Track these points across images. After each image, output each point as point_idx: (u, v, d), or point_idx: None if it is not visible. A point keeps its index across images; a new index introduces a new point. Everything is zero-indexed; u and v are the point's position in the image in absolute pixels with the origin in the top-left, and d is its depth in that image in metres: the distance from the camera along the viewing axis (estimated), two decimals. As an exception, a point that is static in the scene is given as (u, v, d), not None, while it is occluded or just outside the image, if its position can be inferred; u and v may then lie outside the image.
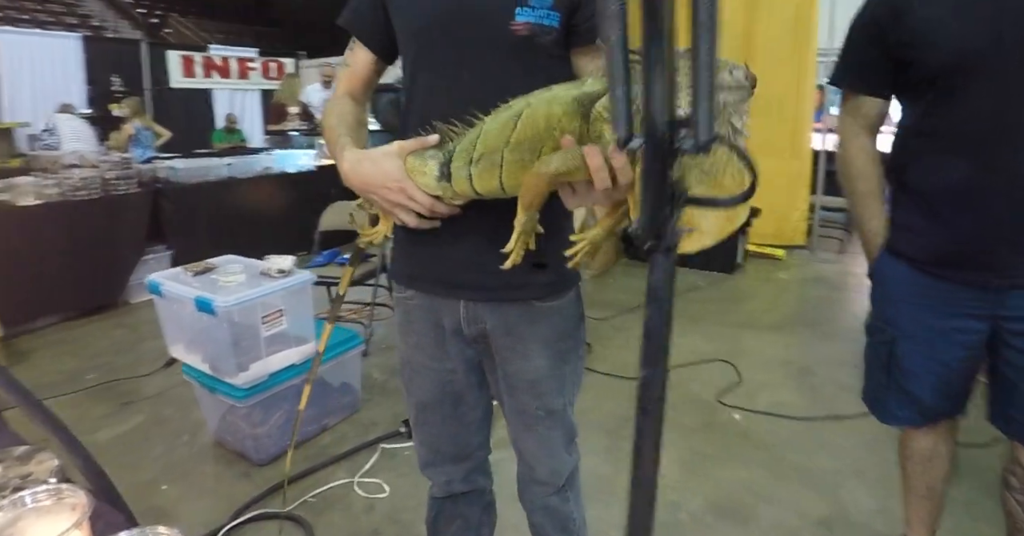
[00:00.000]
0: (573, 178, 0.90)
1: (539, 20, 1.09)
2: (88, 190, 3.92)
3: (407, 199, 1.06)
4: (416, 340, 1.33)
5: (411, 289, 1.30)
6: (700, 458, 2.49)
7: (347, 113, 1.24)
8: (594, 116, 0.90)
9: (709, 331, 3.78)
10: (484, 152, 1.00)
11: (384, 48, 1.26)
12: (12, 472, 1.02)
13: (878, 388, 1.59)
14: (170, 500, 2.39)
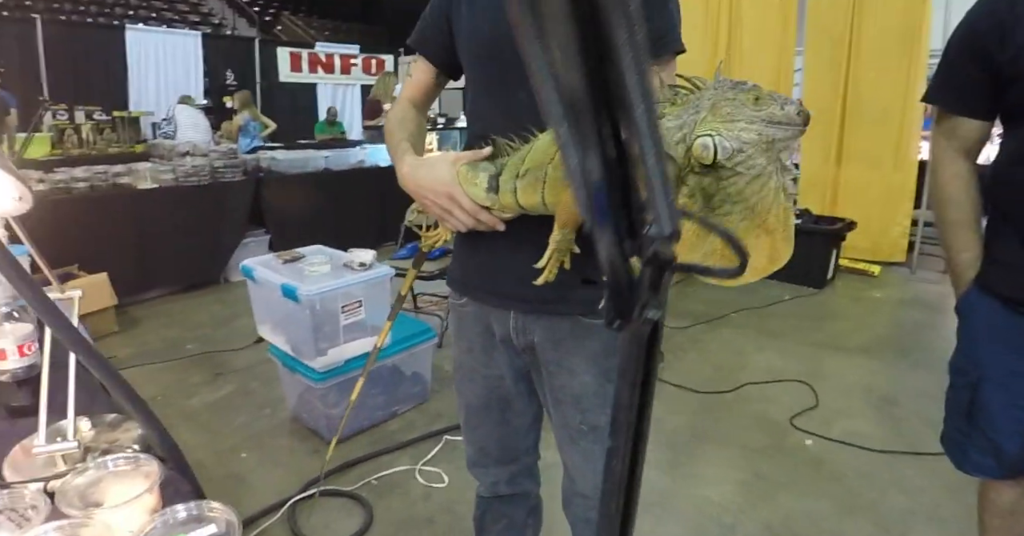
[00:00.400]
0: None
1: None
2: (198, 177, 4.22)
3: (454, 205, 1.08)
4: (468, 345, 1.37)
5: (465, 296, 1.33)
6: (763, 482, 2.40)
7: (407, 119, 1.28)
8: None
9: (788, 349, 3.62)
10: (530, 167, 1.01)
11: (447, 65, 1.30)
12: (102, 437, 1.13)
13: (957, 433, 1.48)
14: (247, 467, 2.55)
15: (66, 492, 0.92)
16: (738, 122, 0.77)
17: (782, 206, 0.80)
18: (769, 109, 0.75)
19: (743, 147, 0.76)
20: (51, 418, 1.08)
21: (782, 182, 0.79)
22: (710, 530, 2.13)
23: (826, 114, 5.13)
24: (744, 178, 0.78)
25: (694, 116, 0.81)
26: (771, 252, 0.82)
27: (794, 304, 4.43)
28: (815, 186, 5.31)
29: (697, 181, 0.81)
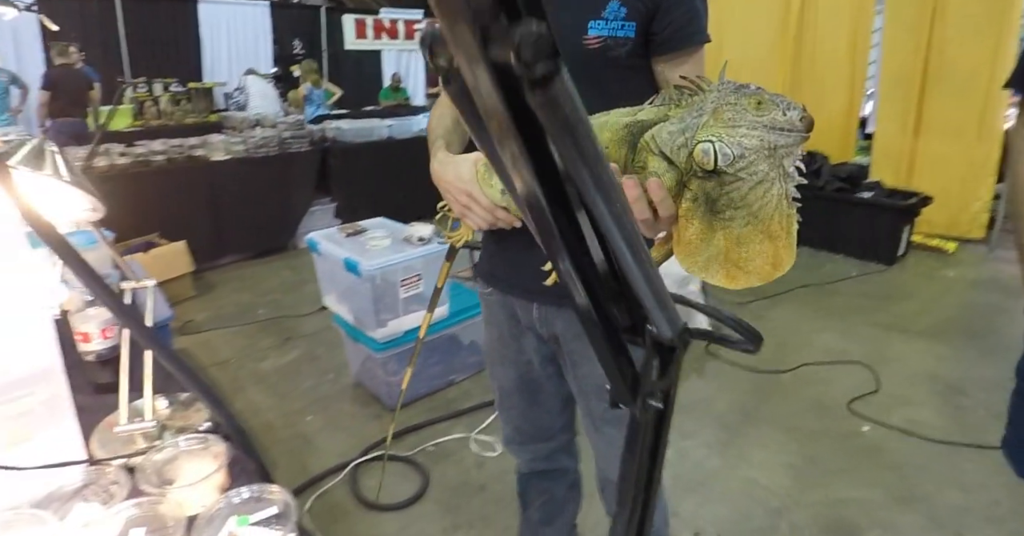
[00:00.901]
0: None
1: (613, 33, 1.10)
2: (267, 148, 4.37)
3: (473, 203, 1.11)
4: (497, 333, 1.43)
5: (491, 286, 1.38)
6: (815, 467, 2.37)
7: (445, 115, 1.31)
8: (640, 146, 0.89)
9: (851, 329, 3.51)
10: None
11: None
12: (177, 414, 1.24)
13: (1020, 441, 1.45)
14: (312, 429, 2.71)
15: (145, 470, 1.02)
16: (739, 127, 0.76)
17: (785, 213, 0.79)
18: (771, 115, 0.74)
19: (744, 153, 0.76)
20: (131, 395, 1.18)
21: (785, 189, 0.78)
22: (756, 513, 2.14)
23: (905, 80, 4.83)
24: (747, 184, 0.78)
25: (697, 120, 0.81)
26: (774, 258, 0.81)
27: (860, 281, 4.26)
28: (889, 157, 5.04)
29: (700, 185, 0.82)
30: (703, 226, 0.82)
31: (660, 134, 0.85)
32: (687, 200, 0.82)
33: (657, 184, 0.81)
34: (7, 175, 0.67)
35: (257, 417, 2.80)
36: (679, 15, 1.11)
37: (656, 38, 1.13)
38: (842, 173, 4.78)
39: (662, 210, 0.82)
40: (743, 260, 0.81)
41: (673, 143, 0.82)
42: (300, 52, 7.73)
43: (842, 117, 5.39)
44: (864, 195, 4.65)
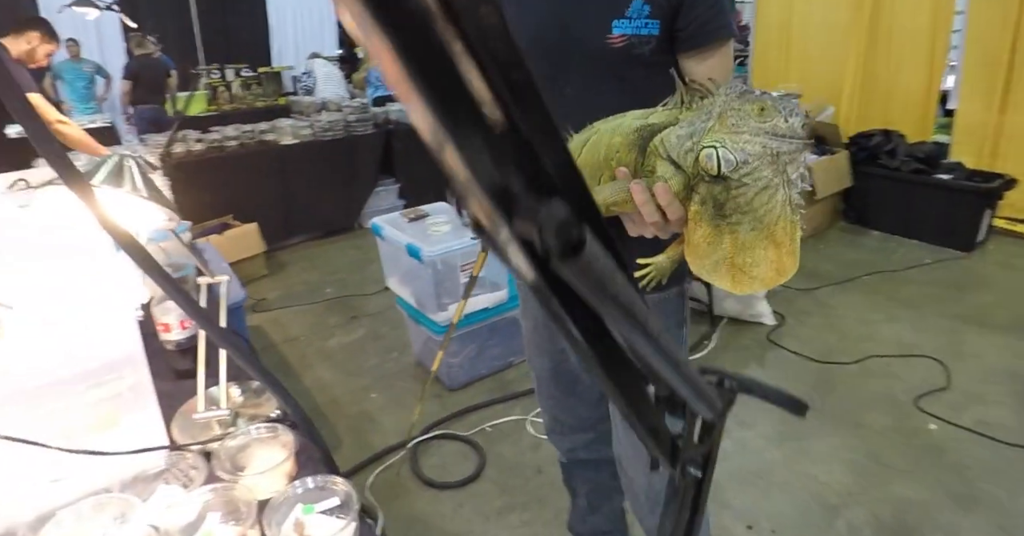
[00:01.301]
0: (623, 209, 0.90)
1: (636, 31, 1.10)
2: (333, 131, 4.48)
3: None
4: (532, 323, 1.47)
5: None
6: (876, 465, 2.31)
7: None
8: (649, 151, 0.91)
9: (923, 321, 3.35)
10: None
11: None
12: (249, 402, 1.32)
13: None
14: (376, 407, 2.81)
15: (220, 456, 1.09)
16: (742, 134, 0.78)
17: (789, 219, 0.81)
18: (773, 121, 0.76)
19: (747, 159, 0.78)
20: (207, 382, 1.27)
21: (788, 195, 0.80)
22: (812, 509, 2.11)
23: (991, 53, 4.50)
24: (752, 189, 0.79)
25: (703, 124, 0.83)
26: (778, 265, 0.83)
27: (935, 269, 4.04)
28: (972, 137, 4.72)
29: (708, 189, 0.83)
30: (711, 229, 0.84)
31: (668, 138, 0.87)
32: (695, 203, 0.85)
33: (663, 189, 0.83)
34: (91, 194, 0.73)
35: (324, 393, 2.93)
36: (703, 10, 1.11)
37: (680, 34, 1.12)
38: (919, 153, 4.54)
39: (670, 213, 0.85)
40: (748, 265, 0.83)
41: (680, 148, 0.85)
42: (364, 34, 7.85)
43: (920, 92, 5.08)
44: (942, 176, 4.40)
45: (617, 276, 0.26)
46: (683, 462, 0.37)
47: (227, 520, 0.99)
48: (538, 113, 0.25)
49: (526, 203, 0.21)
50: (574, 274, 0.24)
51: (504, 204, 0.22)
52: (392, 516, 2.16)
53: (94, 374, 1.20)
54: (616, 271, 0.25)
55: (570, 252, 0.22)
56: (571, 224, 0.22)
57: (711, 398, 0.33)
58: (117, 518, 0.96)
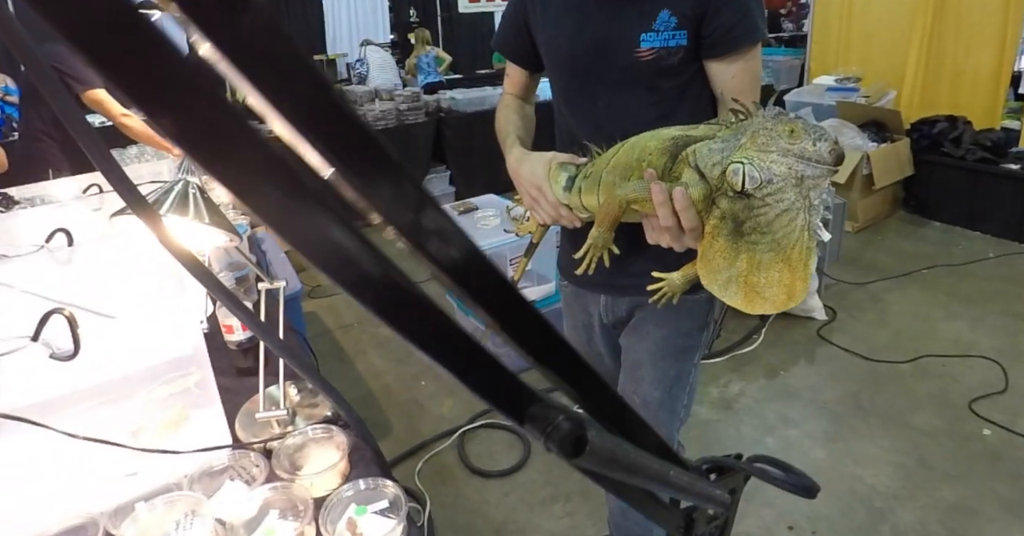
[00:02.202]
0: (643, 208, 0.94)
1: (665, 43, 1.11)
2: (386, 120, 4.56)
3: (541, 197, 1.17)
4: (572, 323, 1.53)
5: (566, 280, 1.49)
6: (926, 469, 2.28)
7: (512, 112, 1.38)
8: (680, 157, 0.93)
9: (983, 318, 3.24)
10: (592, 171, 1.09)
11: (533, 65, 1.37)
12: (306, 401, 1.39)
13: None
14: (425, 395, 2.89)
15: (279, 455, 1.17)
16: (771, 153, 0.79)
17: (806, 245, 0.81)
18: (801, 144, 0.76)
19: (772, 178, 0.78)
20: (267, 380, 1.35)
21: (808, 221, 0.80)
22: (857, 513, 2.10)
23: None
24: (773, 209, 0.81)
25: (736, 141, 0.84)
26: (790, 288, 0.84)
27: (999, 263, 3.87)
28: (1047, 123, 4.51)
29: (729, 205, 0.84)
30: (728, 245, 0.85)
31: (700, 150, 0.89)
32: (715, 217, 0.86)
33: (681, 193, 0.85)
34: (159, 223, 0.79)
35: (377, 380, 3.03)
36: (728, 16, 1.10)
37: (706, 41, 1.12)
38: (986, 140, 4.34)
39: (684, 220, 0.86)
40: (761, 285, 0.84)
41: (709, 159, 0.87)
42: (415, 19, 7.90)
43: (990, 75, 4.83)
44: (1010, 166, 4.20)
45: (628, 453, 0.29)
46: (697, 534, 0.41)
47: (285, 517, 1.07)
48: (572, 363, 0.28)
49: (536, 411, 0.26)
50: (584, 464, 0.29)
51: (514, 414, 0.27)
52: (439, 502, 2.24)
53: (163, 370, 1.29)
54: (627, 451, 0.29)
55: (574, 453, 0.26)
56: (574, 436, 0.25)
57: (717, 498, 0.36)
58: (187, 514, 1.04)
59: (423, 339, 0.26)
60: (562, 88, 1.29)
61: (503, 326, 0.29)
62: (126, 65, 0.18)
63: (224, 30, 0.19)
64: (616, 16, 1.14)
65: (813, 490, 0.43)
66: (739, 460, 0.48)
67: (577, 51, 1.20)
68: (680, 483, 0.36)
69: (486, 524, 2.16)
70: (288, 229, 0.23)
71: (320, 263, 0.22)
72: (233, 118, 0.20)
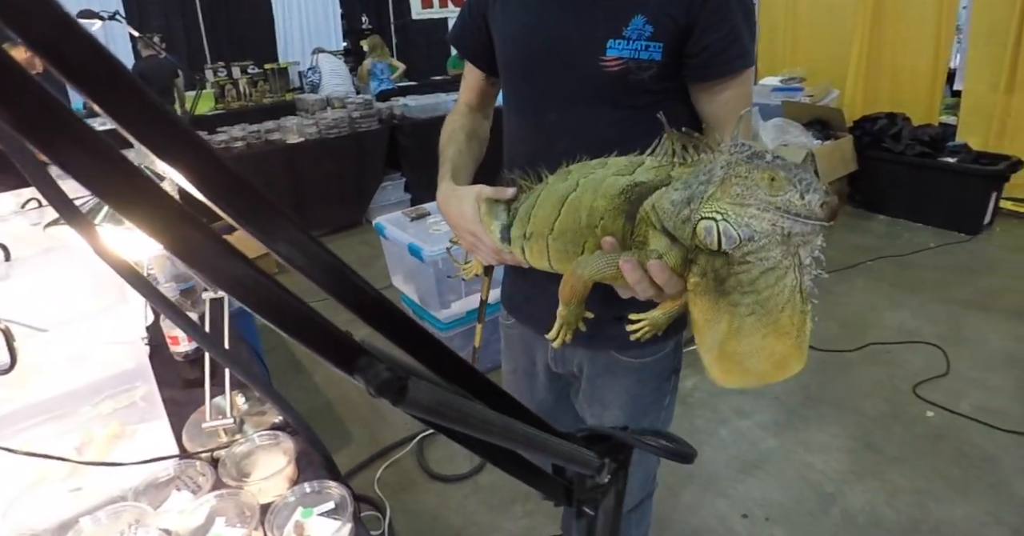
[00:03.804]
0: (613, 283, 0.82)
1: (635, 54, 0.95)
2: (339, 128, 4.54)
3: (478, 242, 1.04)
4: (512, 367, 1.38)
5: (512, 317, 1.31)
6: (873, 453, 2.35)
7: (458, 129, 1.21)
8: (640, 217, 0.79)
9: (925, 306, 3.36)
10: (534, 232, 0.94)
11: (492, 67, 1.17)
12: (253, 410, 1.39)
13: None
14: (385, 403, 2.85)
15: (226, 463, 1.16)
16: (749, 207, 0.66)
17: (798, 308, 0.70)
18: (786, 196, 0.64)
19: (753, 236, 0.66)
20: (215, 391, 1.34)
21: (799, 281, 0.69)
22: (808, 498, 2.16)
23: (998, 32, 4.44)
24: (756, 268, 0.69)
25: (703, 188, 0.70)
26: (780, 357, 0.72)
27: (940, 253, 4.04)
28: (979, 117, 4.68)
29: (709, 261, 0.72)
30: (710, 305, 0.74)
31: (662, 204, 0.76)
32: (695, 275, 0.75)
33: (660, 267, 0.73)
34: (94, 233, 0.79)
35: (336, 389, 3.00)
36: (718, 37, 0.95)
37: (690, 62, 0.97)
38: (924, 135, 4.51)
39: (667, 289, 0.76)
40: (740, 354, 0.73)
41: (676, 216, 0.74)
42: (368, 26, 7.89)
43: (927, 73, 5.03)
44: (948, 159, 4.38)
45: (452, 411, 0.32)
46: (578, 501, 0.43)
47: (233, 524, 1.06)
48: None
49: (360, 367, 0.28)
50: (410, 411, 0.32)
51: (342, 364, 0.30)
52: (399, 509, 2.24)
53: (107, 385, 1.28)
54: (453, 407, 0.32)
55: (397, 398, 0.30)
56: (391, 380, 0.28)
57: (586, 459, 0.38)
58: (132, 524, 1.03)
59: (259, 305, 0.31)
60: (512, 94, 1.13)
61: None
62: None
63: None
64: (583, 16, 0.98)
65: (691, 456, 0.46)
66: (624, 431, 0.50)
67: (532, 52, 1.04)
68: (538, 442, 0.38)
69: (447, 528, 2.17)
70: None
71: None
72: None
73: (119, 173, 0.23)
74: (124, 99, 0.23)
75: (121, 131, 0.24)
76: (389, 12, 8.32)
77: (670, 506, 2.14)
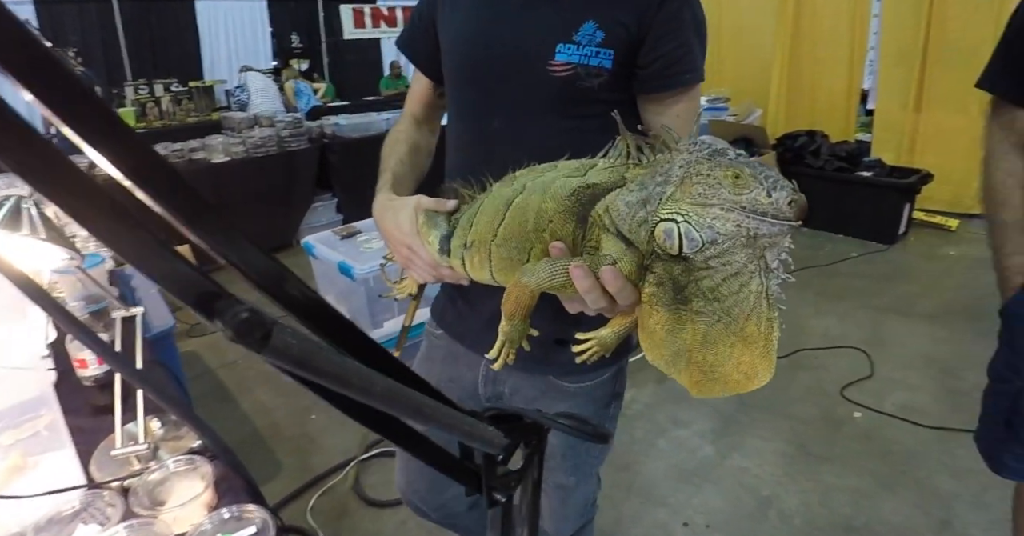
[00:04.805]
0: (562, 294, 0.75)
1: (584, 60, 0.93)
2: (267, 147, 4.42)
3: (415, 256, 0.97)
4: (424, 373, 1.22)
5: (441, 328, 1.24)
6: (806, 455, 2.41)
7: (401, 141, 1.16)
8: (592, 220, 0.73)
9: (848, 312, 3.51)
10: (475, 240, 0.87)
11: (439, 75, 1.13)
12: (170, 434, 1.30)
13: (993, 438, 1.44)
14: (317, 428, 2.76)
15: (137, 492, 1.08)
16: (711, 207, 0.62)
17: (764, 315, 0.66)
18: (751, 194, 0.60)
19: (717, 238, 0.62)
20: (128, 417, 1.25)
21: (766, 286, 0.65)
22: (746, 502, 2.19)
23: (906, 55, 4.77)
24: (719, 274, 0.64)
25: (661, 189, 0.66)
26: (748, 368, 0.68)
27: (861, 262, 4.25)
28: (891, 133, 5.00)
29: (666, 268, 0.67)
30: (669, 315, 0.68)
31: (616, 206, 0.70)
32: (651, 284, 0.69)
33: (613, 274, 0.68)
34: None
35: (264, 417, 2.87)
36: (670, 49, 0.94)
37: (641, 73, 0.96)
38: (841, 151, 4.76)
39: (621, 299, 0.70)
40: (709, 365, 0.68)
41: (631, 219, 0.68)
42: (299, 45, 7.78)
43: (842, 93, 5.34)
44: (864, 174, 4.62)
45: (317, 361, 0.29)
46: (488, 488, 0.41)
47: (145, 556, 0.98)
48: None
49: (214, 307, 0.27)
50: (271, 359, 0.30)
51: (203, 309, 0.28)
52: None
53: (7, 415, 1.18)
54: (317, 356, 0.29)
55: (259, 344, 0.28)
56: (251, 320, 0.26)
57: (489, 436, 0.36)
58: (28, 563, 0.94)
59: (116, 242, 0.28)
60: (458, 101, 1.09)
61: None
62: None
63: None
64: (533, 20, 0.96)
65: (607, 436, 0.44)
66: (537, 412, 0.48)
67: (480, 55, 1.01)
68: (429, 410, 0.36)
69: (384, 554, 2.09)
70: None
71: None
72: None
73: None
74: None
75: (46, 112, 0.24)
76: (320, 31, 8.23)
77: (612, 519, 2.12)
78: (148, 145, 0.29)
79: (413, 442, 0.38)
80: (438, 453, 0.38)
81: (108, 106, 0.26)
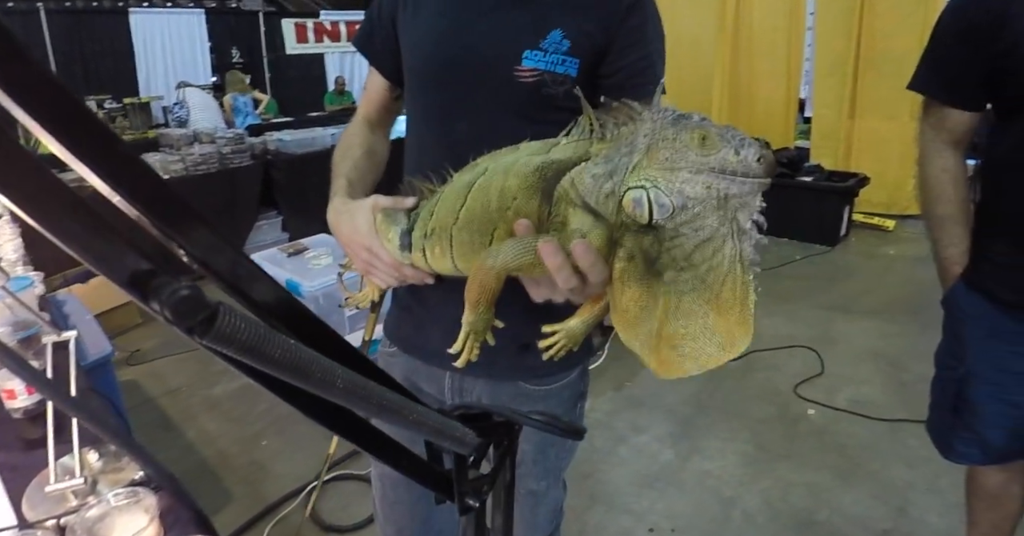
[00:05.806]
0: (530, 274, 0.71)
1: (551, 67, 0.93)
2: (207, 165, 4.28)
3: (375, 259, 0.93)
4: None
5: (395, 345, 1.19)
6: (764, 454, 2.45)
7: (355, 145, 1.13)
8: (558, 195, 0.70)
9: (796, 313, 3.60)
10: (436, 227, 0.84)
11: (397, 75, 1.11)
12: (110, 466, 1.22)
13: (942, 424, 1.50)
14: (269, 454, 2.65)
15: (75, 530, 1.00)
16: (680, 171, 0.60)
17: (739, 279, 0.64)
18: (720, 154, 0.58)
19: (687, 203, 0.60)
20: (63, 449, 1.17)
21: (739, 249, 0.63)
22: (710, 504, 2.20)
23: (839, 65, 4.98)
24: (691, 240, 0.63)
25: (627, 159, 0.64)
26: (725, 337, 0.65)
27: (805, 264, 4.39)
28: (828, 140, 5.20)
29: (636, 241, 0.65)
30: (642, 291, 0.66)
31: (582, 179, 0.68)
32: (621, 259, 0.66)
33: (584, 247, 0.64)
34: None
35: (211, 446, 2.74)
36: (634, 60, 0.96)
37: (603, 83, 0.96)
38: (783, 158, 4.91)
39: (592, 276, 0.66)
40: (681, 337, 0.65)
41: (598, 191, 0.66)
42: (239, 60, 7.59)
43: (781, 102, 5.54)
44: (805, 179, 4.78)
45: (279, 341, 0.26)
46: (460, 494, 0.39)
47: (84, 599, 0.91)
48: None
49: (151, 287, 0.24)
50: (211, 345, 0.27)
51: (137, 290, 0.25)
52: (291, 567, 2.06)
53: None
54: (276, 336, 0.26)
55: (202, 328, 0.24)
56: (191, 299, 0.23)
57: (458, 434, 0.33)
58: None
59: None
60: (422, 104, 1.07)
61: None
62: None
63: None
64: (501, 25, 0.96)
65: (581, 432, 0.42)
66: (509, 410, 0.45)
67: (445, 57, 1.00)
68: (394, 406, 0.33)
69: (343, 581, 2.01)
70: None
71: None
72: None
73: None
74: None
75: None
76: (262, 46, 8.06)
77: (577, 529, 2.10)
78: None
79: (378, 444, 0.35)
80: (405, 456, 0.36)
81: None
